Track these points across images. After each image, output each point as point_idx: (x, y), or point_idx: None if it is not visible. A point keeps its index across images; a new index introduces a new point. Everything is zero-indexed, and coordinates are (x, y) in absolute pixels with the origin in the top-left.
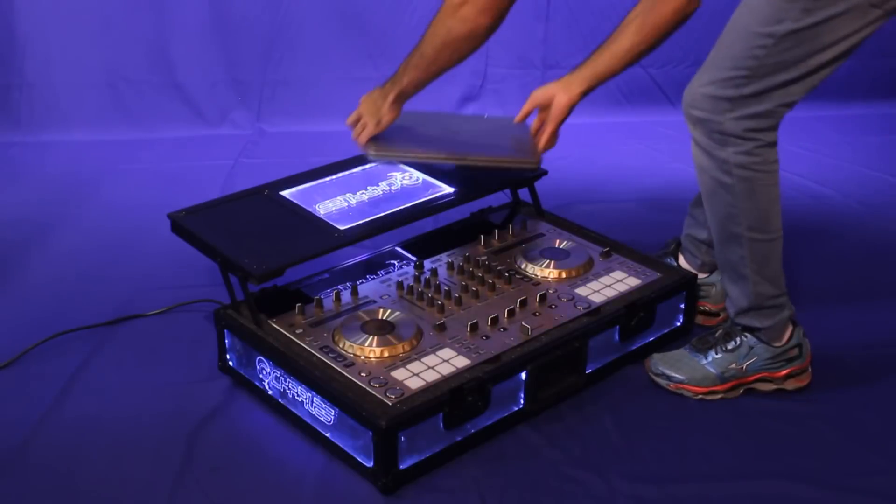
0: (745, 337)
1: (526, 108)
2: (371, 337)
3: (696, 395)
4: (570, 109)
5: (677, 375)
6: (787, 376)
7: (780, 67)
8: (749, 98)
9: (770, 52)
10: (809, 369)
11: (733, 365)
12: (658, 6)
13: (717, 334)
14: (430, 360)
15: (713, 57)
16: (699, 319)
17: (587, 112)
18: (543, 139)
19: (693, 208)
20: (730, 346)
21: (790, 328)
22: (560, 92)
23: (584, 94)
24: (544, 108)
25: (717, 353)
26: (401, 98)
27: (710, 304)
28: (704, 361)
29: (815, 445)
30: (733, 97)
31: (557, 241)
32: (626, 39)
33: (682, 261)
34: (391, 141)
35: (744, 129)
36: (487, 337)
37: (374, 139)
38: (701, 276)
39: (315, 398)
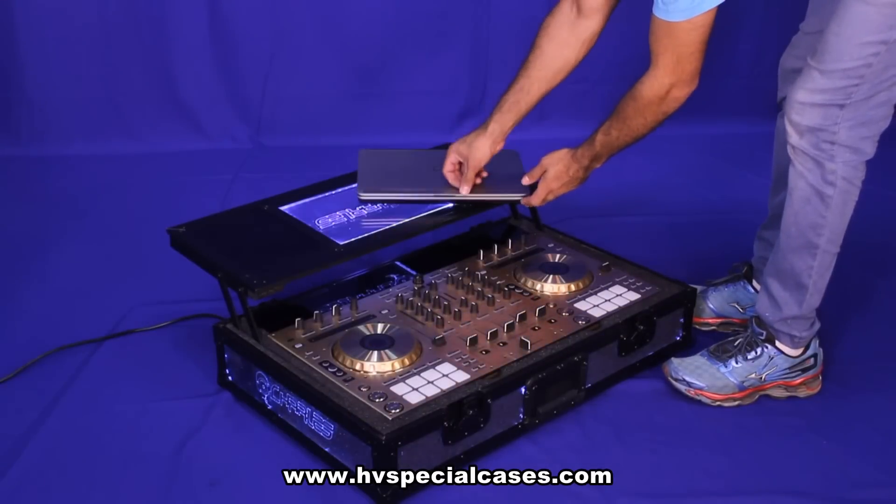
0: (766, 347)
1: (535, 171)
2: (371, 351)
3: (714, 401)
4: (556, 178)
5: (698, 382)
6: (801, 384)
7: (890, 69)
8: (860, 103)
9: (882, 57)
10: (821, 377)
11: (753, 374)
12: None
13: (737, 343)
14: (429, 374)
15: (816, 70)
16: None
17: (588, 126)
18: (534, 200)
19: (764, 231)
20: (750, 356)
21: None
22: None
23: (586, 168)
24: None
25: (737, 363)
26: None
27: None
28: (724, 370)
29: (816, 460)
30: (845, 104)
31: (557, 255)
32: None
33: (756, 283)
34: (381, 182)
35: (857, 137)
36: (487, 351)
37: (364, 182)
38: None
39: (314, 413)
